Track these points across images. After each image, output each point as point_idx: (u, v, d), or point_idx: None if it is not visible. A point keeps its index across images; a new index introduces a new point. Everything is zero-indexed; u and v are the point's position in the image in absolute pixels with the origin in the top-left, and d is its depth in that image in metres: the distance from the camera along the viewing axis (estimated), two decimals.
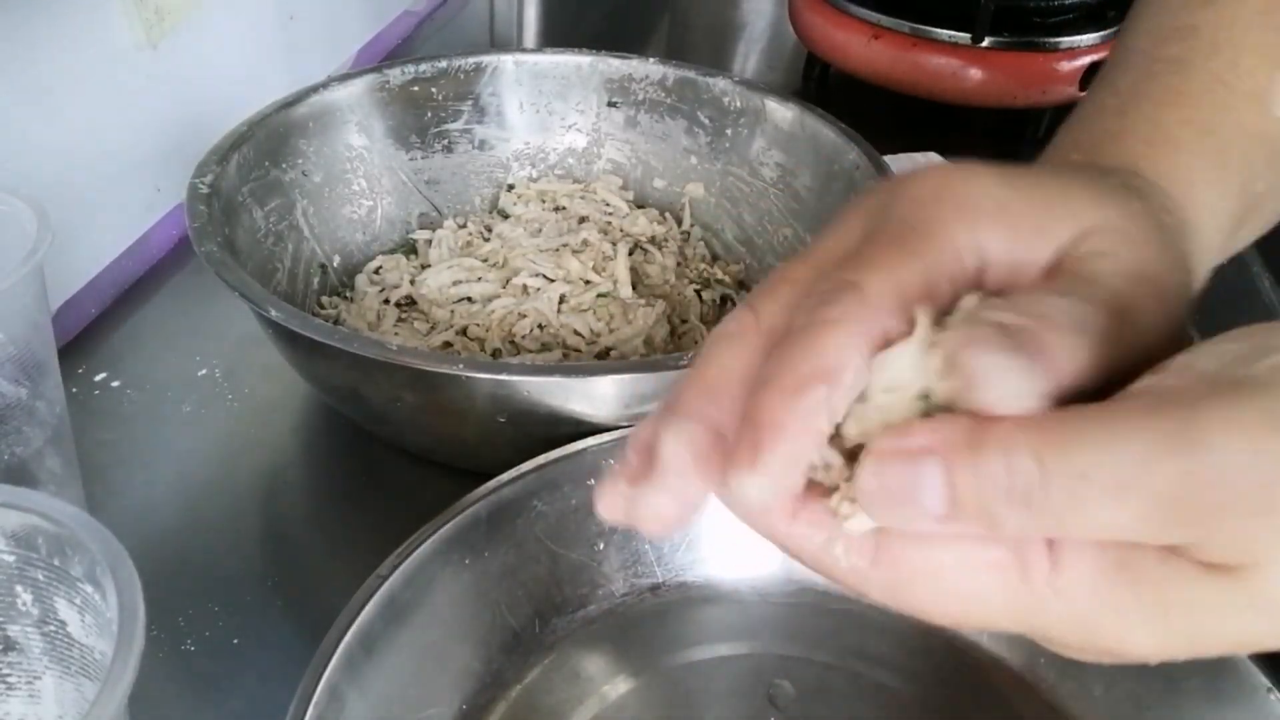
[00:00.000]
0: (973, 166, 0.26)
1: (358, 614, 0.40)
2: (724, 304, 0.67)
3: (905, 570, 0.24)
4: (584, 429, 0.49)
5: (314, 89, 0.65)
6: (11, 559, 0.35)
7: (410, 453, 0.57)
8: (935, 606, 0.24)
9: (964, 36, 0.83)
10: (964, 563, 0.23)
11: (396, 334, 0.61)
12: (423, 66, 0.69)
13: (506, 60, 0.71)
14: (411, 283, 0.65)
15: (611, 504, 0.26)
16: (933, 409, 0.23)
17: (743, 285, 0.69)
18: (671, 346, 0.63)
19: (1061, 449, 0.21)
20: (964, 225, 0.25)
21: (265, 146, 0.61)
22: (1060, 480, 0.20)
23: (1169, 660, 0.23)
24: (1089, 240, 0.25)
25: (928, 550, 0.23)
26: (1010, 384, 0.22)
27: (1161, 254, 0.26)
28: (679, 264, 0.68)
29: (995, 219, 0.25)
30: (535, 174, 0.73)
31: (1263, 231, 0.37)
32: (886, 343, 0.24)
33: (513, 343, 0.61)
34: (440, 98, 0.70)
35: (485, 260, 0.66)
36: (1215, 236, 0.32)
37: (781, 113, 0.67)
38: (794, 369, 0.23)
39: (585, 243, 0.66)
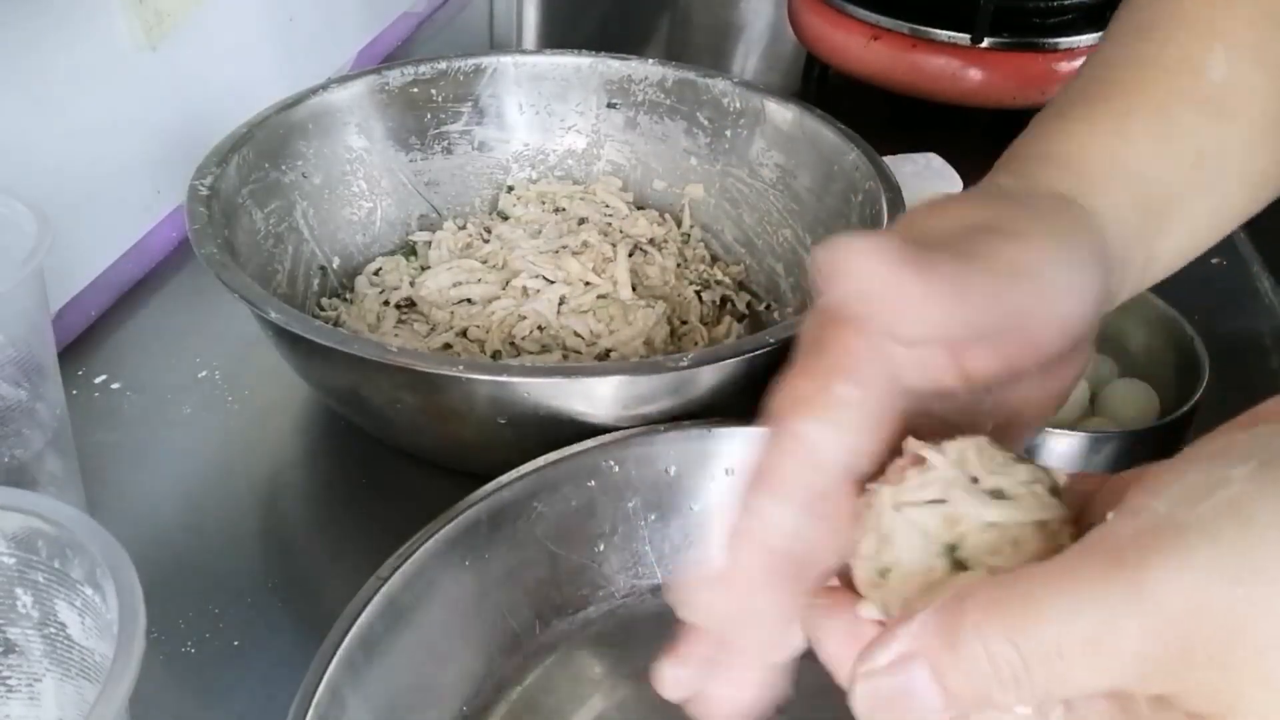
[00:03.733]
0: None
1: (358, 616, 0.40)
2: (724, 305, 0.67)
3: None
4: (584, 430, 0.49)
5: (313, 91, 0.65)
6: (12, 561, 0.35)
7: (410, 454, 0.57)
8: None
9: (963, 37, 0.83)
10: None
11: (396, 336, 0.61)
12: (422, 68, 0.69)
13: (506, 62, 0.71)
14: (411, 284, 0.65)
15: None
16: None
17: (742, 286, 0.69)
18: (671, 347, 0.63)
19: (1032, 628, 0.21)
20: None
21: (265, 148, 0.61)
22: (1038, 658, 0.21)
23: None
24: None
25: None
26: None
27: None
28: (679, 265, 0.68)
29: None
30: (535, 175, 0.73)
31: (1239, 187, 0.37)
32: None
33: (513, 344, 0.61)
34: (440, 99, 0.70)
35: (485, 262, 0.66)
36: (1117, 175, 0.33)
37: (781, 114, 0.67)
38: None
39: (585, 244, 0.66)
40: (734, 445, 0.49)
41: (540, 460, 0.47)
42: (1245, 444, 0.22)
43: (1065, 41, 0.84)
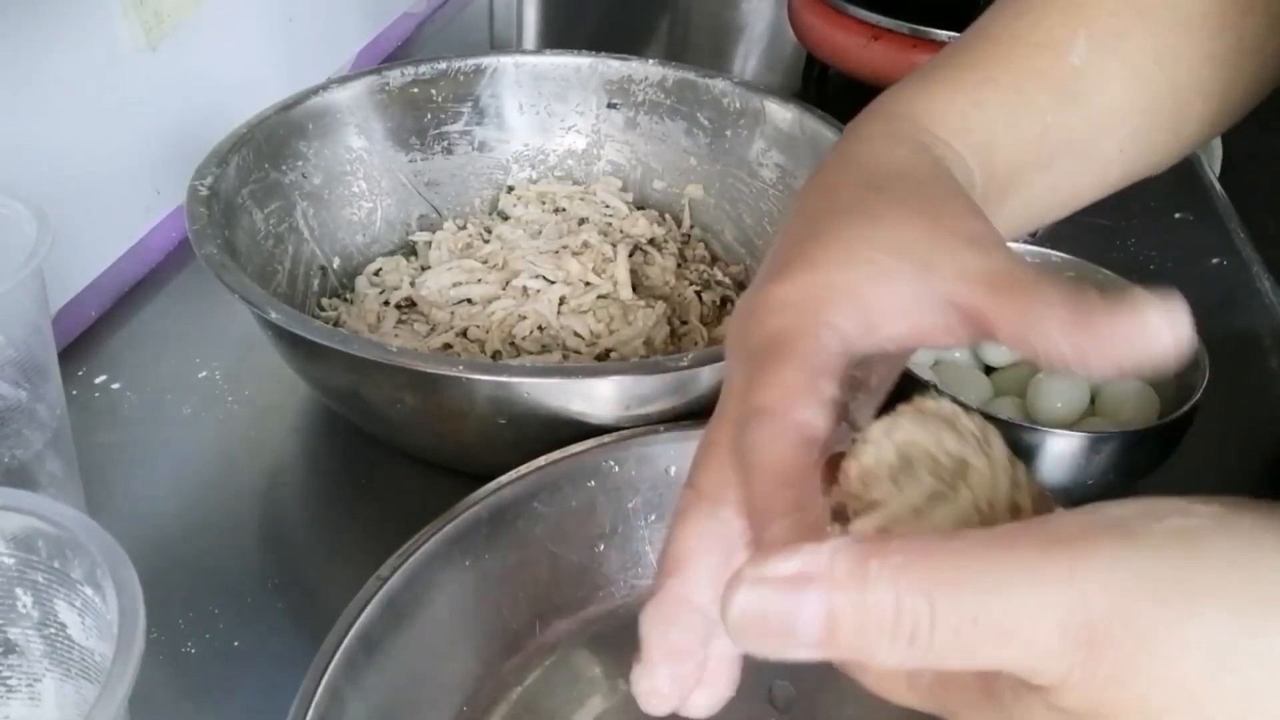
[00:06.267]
0: (788, 274, 0.30)
1: (358, 616, 0.40)
2: (724, 305, 0.67)
3: None
4: (584, 430, 0.49)
5: (313, 91, 0.65)
6: (12, 561, 0.35)
7: (410, 455, 0.57)
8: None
9: None
10: None
11: (396, 336, 0.61)
12: (422, 68, 0.69)
13: (506, 62, 0.71)
14: (411, 284, 0.65)
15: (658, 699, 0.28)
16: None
17: (742, 286, 0.69)
18: (671, 348, 0.63)
19: (953, 591, 0.20)
20: (815, 323, 0.28)
21: (265, 148, 0.62)
22: (949, 623, 0.20)
23: None
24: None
25: None
26: None
27: (951, 204, 0.31)
28: (679, 265, 0.68)
29: (833, 298, 0.29)
30: (535, 175, 0.73)
31: (1079, 160, 0.39)
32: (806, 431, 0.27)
33: (513, 344, 0.61)
34: (440, 99, 0.70)
35: (485, 262, 0.66)
36: (970, 140, 0.35)
37: (781, 114, 0.67)
38: (762, 474, 0.26)
39: (585, 244, 0.66)
40: None
41: (540, 460, 0.47)
42: (1209, 500, 0.22)
43: None
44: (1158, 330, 0.24)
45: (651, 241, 0.69)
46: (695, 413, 0.51)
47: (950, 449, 0.26)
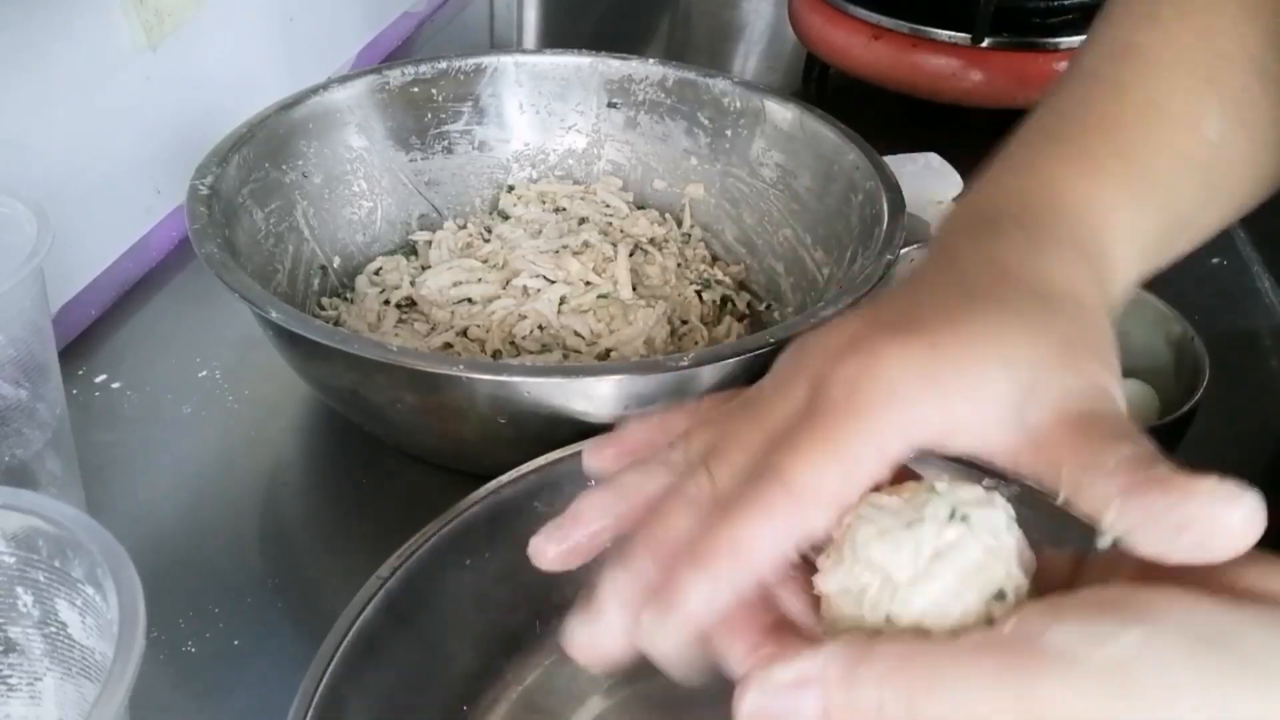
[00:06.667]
0: (902, 340, 0.28)
1: (358, 615, 0.40)
2: (724, 305, 0.67)
3: None
4: (584, 430, 0.49)
5: (314, 90, 0.65)
6: (12, 560, 0.35)
7: (410, 454, 0.57)
8: None
9: (964, 37, 0.83)
10: None
11: (397, 335, 0.61)
12: (423, 68, 0.69)
13: (506, 61, 0.71)
14: (412, 284, 0.65)
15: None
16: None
17: (743, 286, 0.69)
18: (672, 347, 0.63)
19: (928, 691, 0.24)
20: (892, 411, 0.27)
21: (265, 148, 0.61)
22: (924, 718, 0.24)
23: None
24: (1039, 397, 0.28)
25: None
26: None
27: (1096, 345, 0.29)
28: (679, 265, 0.68)
29: (924, 395, 0.28)
30: (535, 175, 0.73)
31: (1198, 243, 0.38)
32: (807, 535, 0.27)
33: (513, 344, 0.61)
34: (440, 99, 0.70)
35: (485, 261, 0.66)
36: (1132, 252, 0.34)
37: (781, 114, 0.67)
38: (715, 549, 0.27)
39: (585, 244, 0.66)
40: None
41: (540, 460, 0.47)
42: (1144, 603, 0.24)
43: (1065, 41, 0.84)
44: (1226, 521, 0.23)
45: (652, 241, 0.69)
46: None
47: (896, 570, 0.27)
